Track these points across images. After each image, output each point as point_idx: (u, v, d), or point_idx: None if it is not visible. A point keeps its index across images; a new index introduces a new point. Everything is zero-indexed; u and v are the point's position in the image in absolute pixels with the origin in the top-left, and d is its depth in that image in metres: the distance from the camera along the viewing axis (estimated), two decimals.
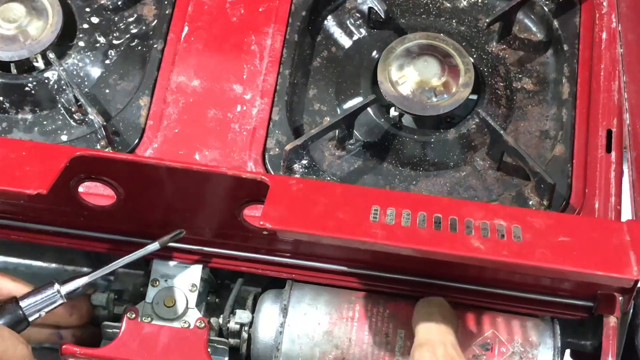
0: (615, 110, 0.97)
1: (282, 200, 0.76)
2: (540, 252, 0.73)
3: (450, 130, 0.98)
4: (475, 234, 0.73)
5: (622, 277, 0.72)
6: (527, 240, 0.73)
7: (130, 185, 0.83)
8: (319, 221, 0.74)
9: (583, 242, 0.74)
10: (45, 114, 1.00)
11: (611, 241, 0.75)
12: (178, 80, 1.00)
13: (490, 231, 0.74)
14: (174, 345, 0.84)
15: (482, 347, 0.83)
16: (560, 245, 0.74)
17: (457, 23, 1.07)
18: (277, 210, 0.75)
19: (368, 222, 0.74)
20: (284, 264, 0.88)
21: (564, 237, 0.74)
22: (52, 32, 1.00)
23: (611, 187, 0.93)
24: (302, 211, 0.75)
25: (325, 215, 0.75)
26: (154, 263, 0.88)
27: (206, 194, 0.83)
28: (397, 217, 0.75)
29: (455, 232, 0.73)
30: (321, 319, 0.85)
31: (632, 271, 0.72)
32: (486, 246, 0.73)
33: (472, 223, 0.74)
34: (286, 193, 0.76)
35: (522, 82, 1.03)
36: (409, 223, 0.74)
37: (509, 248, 0.73)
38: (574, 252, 0.73)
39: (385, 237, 0.73)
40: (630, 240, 0.75)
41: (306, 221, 0.74)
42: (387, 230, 0.73)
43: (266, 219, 0.74)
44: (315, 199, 0.76)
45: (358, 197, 0.77)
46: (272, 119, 0.98)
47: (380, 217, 0.74)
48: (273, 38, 1.02)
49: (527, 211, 0.78)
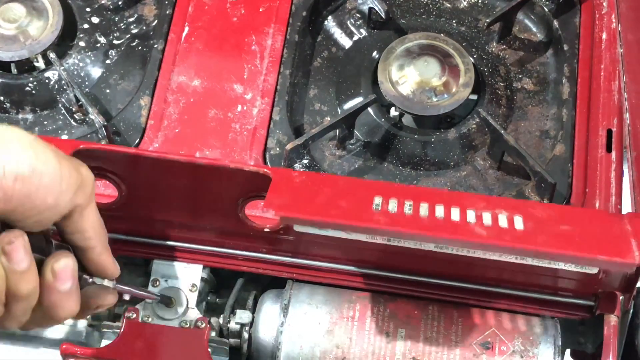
0: (615, 110, 0.98)
1: (284, 190, 0.76)
2: (542, 239, 0.73)
3: (451, 130, 0.98)
4: (477, 222, 0.74)
5: (624, 262, 0.72)
6: (528, 228, 0.74)
7: (132, 181, 0.83)
8: (321, 209, 0.74)
9: (584, 230, 0.75)
10: (45, 114, 1.00)
11: (612, 230, 0.75)
12: (179, 80, 1.00)
13: (492, 219, 0.74)
14: (174, 346, 0.84)
15: (482, 345, 0.83)
16: (561, 233, 0.74)
17: (457, 23, 1.07)
18: (281, 199, 0.75)
19: (371, 211, 0.74)
20: (285, 263, 0.88)
21: (565, 226, 0.74)
22: (53, 32, 1.00)
23: (611, 187, 0.93)
24: (305, 200, 0.75)
25: (328, 204, 0.75)
26: (154, 263, 0.88)
27: (208, 189, 0.82)
28: (400, 207, 0.75)
29: (458, 220, 0.74)
30: (322, 318, 0.85)
31: (634, 256, 0.72)
32: (488, 232, 0.73)
33: (474, 213, 0.74)
34: (289, 184, 0.77)
35: (523, 82, 1.03)
36: (411, 212, 0.74)
37: (512, 234, 0.73)
38: (576, 239, 0.74)
39: (388, 223, 0.73)
40: (631, 230, 0.75)
41: (309, 209, 0.74)
42: (389, 217, 0.73)
43: (270, 206, 0.74)
44: (317, 189, 0.76)
45: (360, 188, 0.77)
46: (272, 119, 0.98)
47: (383, 206, 0.75)
48: (273, 38, 1.02)
49: (529, 202, 0.78)
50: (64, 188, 0.65)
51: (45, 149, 0.65)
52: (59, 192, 0.65)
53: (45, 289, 0.66)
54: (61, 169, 0.65)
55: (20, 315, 0.66)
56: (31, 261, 0.64)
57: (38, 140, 0.65)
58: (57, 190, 0.65)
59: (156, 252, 0.88)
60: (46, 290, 0.66)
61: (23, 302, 0.65)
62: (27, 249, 0.64)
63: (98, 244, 0.71)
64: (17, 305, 0.65)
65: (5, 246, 0.63)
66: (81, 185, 0.67)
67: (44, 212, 0.65)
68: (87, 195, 0.68)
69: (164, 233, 0.88)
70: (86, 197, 0.68)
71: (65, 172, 0.65)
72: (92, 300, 0.72)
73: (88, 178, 0.68)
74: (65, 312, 0.68)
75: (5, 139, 0.63)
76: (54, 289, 0.66)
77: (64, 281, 0.67)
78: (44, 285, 0.66)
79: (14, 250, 0.63)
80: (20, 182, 0.62)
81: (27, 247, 0.64)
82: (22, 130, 0.65)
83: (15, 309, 0.65)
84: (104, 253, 0.72)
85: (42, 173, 0.63)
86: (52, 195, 0.65)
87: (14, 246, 0.63)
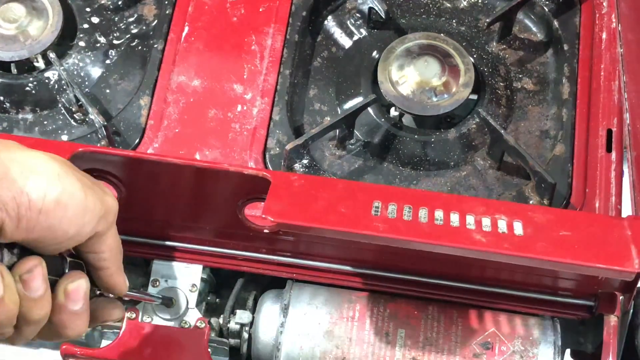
0: (615, 110, 0.97)
1: (283, 195, 0.76)
2: (541, 246, 0.73)
3: (451, 130, 0.98)
4: (477, 228, 0.73)
5: (624, 270, 0.72)
6: (528, 234, 0.74)
7: (132, 183, 0.83)
8: (320, 215, 0.74)
9: (584, 236, 0.75)
10: (45, 114, 1.00)
11: (612, 235, 0.75)
12: (178, 80, 1.00)
13: (492, 225, 0.74)
14: (175, 346, 0.84)
15: (482, 345, 0.83)
16: (561, 239, 0.74)
17: (457, 23, 1.07)
18: (279, 204, 0.75)
19: (370, 216, 0.74)
20: (285, 263, 0.88)
21: (565, 232, 0.74)
22: (53, 32, 1.00)
23: (611, 187, 0.93)
24: (304, 205, 0.75)
25: (327, 210, 0.75)
26: (154, 263, 0.88)
27: (207, 191, 0.83)
28: (399, 212, 0.75)
29: (457, 226, 0.74)
30: (321, 318, 0.85)
31: (633, 264, 0.72)
32: (487, 239, 0.73)
33: (473, 218, 0.74)
34: (288, 188, 0.76)
35: (523, 82, 1.03)
36: (411, 217, 0.74)
37: (511, 241, 0.73)
38: (575, 246, 0.73)
39: (387, 230, 0.73)
40: (631, 235, 0.75)
41: (308, 215, 0.74)
42: (388, 224, 0.73)
43: (268, 213, 0.74)
44: (316, 194, 0.76)
45: (359, 193, 0.77)
46: (272, 119, 0.98)
47: (382, 211, 0.75)
48: (273, 38, 1.02)
49: (528, 207, 0.78)
50: (87, 220, 0.65)
51: (72, 181, 0.64)
52: (82, 224, 0.64)
53: (56, 308, 0.66)
54: (86, 200, 0.64)
55: (29, 336, 0.66)
56: (47, 288, 0.64)
57: (66, 170, 0.64)
58: (80, 222, 0.64)
59: (156, 253, 0.88)
60: (57, 309, 0.66)
61: (34, 325, 0.65)
62: (44, 276, 0.63)
63: (112, 265, 0.70)
64: (28, 328, 0.65)
65: (24, 275, 0.62)
66: (104, 215, 0.66)
67: (64, 242, 0.64)
68: (109, 223, 0.68)
69: (164, 233, 0.88)
70: (107, 225, 0.68)
71: (89, 204, 0.65)
72: (99, 314, 0.72)
73: (112, 207, 0.68)
74: (73, 332, 0.67)
75: (34, 169, 0.62)
76: (65, 308, 0.66)
77: (75, 302, 0.66)
78: (55, 304, 0.65)
79: (31, 280, 0.63)
80: (45, 215, 0.62)
81: (44, 275, 0.63)
82: (52, 157, 0.64)
83: (25, 330, 0.65)
84: (116, 273, 0.71)
85: (67, 206, 0.63)
86: (74, 228, 0.64)
87: (32, 275, 0.63)
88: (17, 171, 0.61)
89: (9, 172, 0.60)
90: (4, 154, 0.61)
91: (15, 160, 0.61)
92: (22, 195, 0.60)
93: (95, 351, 0.83)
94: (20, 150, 0.63)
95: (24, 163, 0.62)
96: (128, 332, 0.84)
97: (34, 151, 0.64)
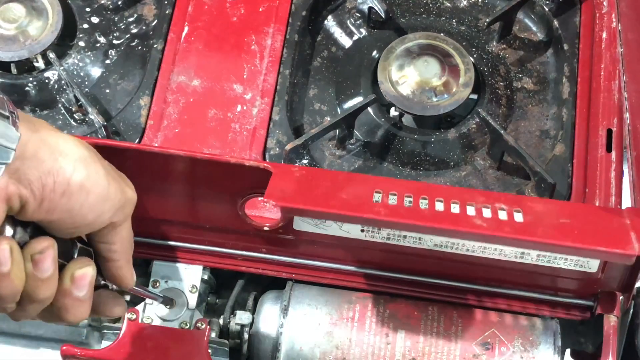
0: (615, 110, 0.97)
1: (285, 183, 0.76)
2: (541, 230, 0.73)
3: (451, 130, 0.98)
4: (477, 215, 0.74)
5: (624, 253, 0.72)
6: (528, 220, 0.74)
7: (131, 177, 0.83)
8: (322, 200, 0.74)
9: (584, 224, 0.75)
10: (45, 114, 1.00)
11: (611, 223, 0.76)
12: (178, 80, 1.00)
13: (492, 213, 0.74)
14: (175, 347, 0.84)
15: (482, 346, 0.83)
16: (561, 225, 0.74)
17: (457, 23, 1.07)
18: (281, 189, 0.75)
19: (371, 203, 0.74)
20: (284, 263, 0.88)
21: (565, 219, 0.75)
22: (52, 32, 1.00)
23: (611, 187, 0.93)
24: (306, 191, 0.76)
25: (329, 196, 0.75)
26: (154, 264, 0.88)
27: (208, 184, 0.82)
28: (400, 200, 0.75)
29: (458, 213, 0.74)
30: (321, 319, 0.85)
31: (633, 248, 0.72)
32: (488, 224, 0.73)
33: (474, 207, 0.75)
34: (289, 177, 0.77)
35: (522, 82, 1.03)
36: (412, 205, 0.74)
37: (511, 226, 0.73)
38: (576, 231, 0.74)
39: (388, 214, 0.73)
40: (630, 223, 0.75)
41: (309, 199, 0.74)
42: (389, 209, 0.73)
43: (270, 197, 0.74)
44: (318, 183, 0.76)
45: (360, 182, 0.77)
46: (272, 119, 0.98)
47: (383, 199, 0.75)
48: (273, 38, 1.02)
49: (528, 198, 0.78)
50: (106, 208, 0.66)
51: (98, 168, 0.65)
52: (100, 212, 0.65)
53: (60, 292, 0.66)
54: (109, 189, 0.65)
55: (31, 313, 0.67)
56: (55, 270, 0.64)
57: (92, 156, 0.65)
58: (100, 210, 0.65)
59: (156, 253, 0.88)
60: (61, 292, 0.66)
61: (37, 304, 0.65)
62: (54, 259, 0.64)
63: (122, 257, 0.71)
64: (31, 306, 0.65)
65: (36, 255, 0.63)
66: (122, 206, 0.67)
67: (80, 227, 0.65)
68: (125, 215, 0.69)
69: (164, 233, 0.88)
70: (124, 217, 0.69)
71: (111, 193, 0.66)
72: (101, 307, 0.72)
73: (131, 199, 0.69)
74: (74, 317, 0.68)
75: (62, 151, 0.63)
76: (70, 293, 0.66)
77: (80, 288, 0.67)
78: (61, 288, 0.66)
79: (42, 260, 0.63)
80: (67, 198, 0.62)
81: (55, 257, 0.64)
82: (80, 142, 0.65)
83: (27, 308, 0.65)
84: (125, 266, 0.72)
85: (89, 191, 0.64)
86: (93, 214, 0.65)
87: (43, 256, 0.63)
88: (46, 152, 0.62)
89: (38, 152, 0.61)
90: (35, 135, 0.62)
91: (46, 141, 0.62)
92: (48, 176, 0.61)
93: (96, 352, 0.83)
94: (50, 132, 0.63)
95: (53, 145, 0.62)
96: (128, 333, 0.84)
97: (63, 134, 0.64)
